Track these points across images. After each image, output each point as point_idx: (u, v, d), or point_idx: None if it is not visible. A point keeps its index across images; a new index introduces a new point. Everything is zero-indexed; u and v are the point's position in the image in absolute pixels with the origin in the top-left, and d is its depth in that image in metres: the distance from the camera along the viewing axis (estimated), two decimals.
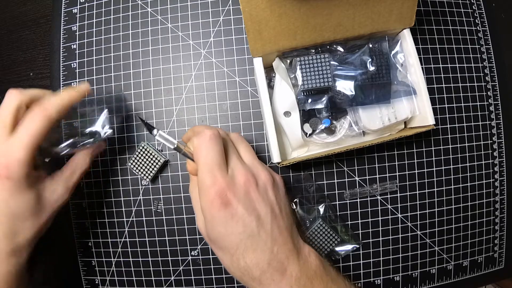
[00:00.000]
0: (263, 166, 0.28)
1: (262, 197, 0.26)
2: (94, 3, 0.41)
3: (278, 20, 0.29)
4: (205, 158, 0.25)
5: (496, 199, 0.40)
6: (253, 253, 0.24)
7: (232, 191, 0.24)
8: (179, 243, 0.38)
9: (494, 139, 0.40)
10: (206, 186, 0.24)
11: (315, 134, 0.35)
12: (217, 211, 0.24)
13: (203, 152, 0.25)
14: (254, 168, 0.27)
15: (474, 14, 0.41)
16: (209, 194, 0.24)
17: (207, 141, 0.25)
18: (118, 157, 0.39)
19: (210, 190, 0.24)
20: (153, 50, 0.40)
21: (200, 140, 0.25)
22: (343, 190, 0.38)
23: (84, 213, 0.40)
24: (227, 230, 0.24)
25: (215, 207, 0.24)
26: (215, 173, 0.24)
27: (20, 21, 0.44)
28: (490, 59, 0.41)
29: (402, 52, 0.34)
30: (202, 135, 0.26)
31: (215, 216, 0.24)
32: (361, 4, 0.30)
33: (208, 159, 0.25)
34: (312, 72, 0.32)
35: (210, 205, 0.24)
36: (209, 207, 0.24)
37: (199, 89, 0.39)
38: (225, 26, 0.40)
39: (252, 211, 0.24)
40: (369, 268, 0.38)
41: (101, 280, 0.39)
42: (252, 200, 0.25)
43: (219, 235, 0.25)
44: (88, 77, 0.40)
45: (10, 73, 0.43)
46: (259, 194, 0.25)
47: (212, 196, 0.24)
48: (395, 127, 0.36)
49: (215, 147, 0.25)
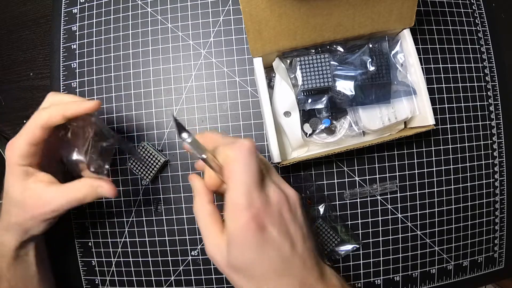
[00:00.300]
0: (286, 183, 0.26)
1: (293, 218, 0.24)
2: (94, 3, 0.41)
3: (278, 20, 0.29)
4: (244, 175, 0.22)
5: (496, 199, 0.40)
6: (284, 278, 0.22)
7: (268, 213, 0.22)
8: (179, 243, 0.38)
9: (494, 139, 0.40)
10: (240, 208, 0.21)
11: (315, 134, 0.35)
12: (251, 236, 0.21)
13: (241, 168, 0.22)
14: (282, 185, 0.25)
15: (474, 14, 0.41)
16: (243, 216, 0.21)
17: (247, 155, 0.22)
18: (118, 157, 0.39)
19: (245, 213, 0.21)
20: (153, 50, 0.40)
21: (237, 153, 0.22)
22: (343, 190, 0.38)
23: (84, 213, 0.40)
24: (259, 256, 0.22)
25: (250, 232, 0.21)
26: (252, 194, 0.22)
27: (20, 21, 0.44)
28: (490, 59, 0.41)
29: (402, 52, 0.34)
30: (240, 148, 0.22)
31: (247, 241, 0.22)
32: (361, 4, 0.30)
33: (247, 177, 0.22)
34: (312, 72, 0.32)
35: (244, 229, 0.21)
36: (242, 231, 0.21)
37: (199, 89, 0.39)
38: (225, 26, 0.40)
39: (286, 234, 0.23)
40: (369, 268, 0.38)
41: (101, 280, 0.39)
42: (285, 221, 0.23)
43: (249, 261, 0.22)
44: (88, 77, 0.40)
45: (10, 73, 0.43)
46: (290, 215, 0.24)
47: (247, 219, 0.21)
48: (395, 127, 0.36)
49: (255, 163, 0.22)
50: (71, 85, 0.41)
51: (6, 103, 0.43)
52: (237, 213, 0.22)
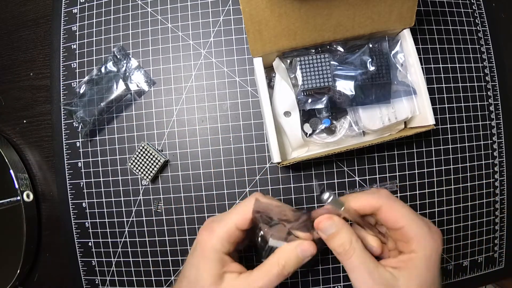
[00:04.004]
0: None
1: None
2: (94, 3, 0.41)
3: (278, 20, 0.29)
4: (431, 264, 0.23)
5: (496, 199, 0.40)
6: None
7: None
8: (179, 243, 0.38)
9: (494, 139, 0.40)
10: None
11: (315, 134, 0.35)
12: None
13: (432, 260, 0.23)
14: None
15: (474, 14, 0.41)
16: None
17: (437, 254, 0.23)
18: (118, 157, 0.39)
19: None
20: (153, 50, 0.40)
21: (435, 247, 0.23)
22: (343, 190, 0.38)
23: (84, 213, 0.40)
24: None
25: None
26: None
27: (20, 21, 0.44)
28: (490, 59, 0.41)
29: (402, 52, 0.34)
30: (438, 242, 0.23)
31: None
32: (361, 4, 0.30)
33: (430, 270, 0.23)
34: (312, 72, 0.32)
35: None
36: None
37: (199, 89, 0.39)
38: (225, 26, 0.40)
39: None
40: None
41: (101, 280, 0.39)
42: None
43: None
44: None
45: (10, 73, 0.43)
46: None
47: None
48: (395, 127, 0.36)
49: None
50: (71, 85, 0.41)
51: (6, 103, 0.43)
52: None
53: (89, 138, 0.40)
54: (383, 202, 0.24)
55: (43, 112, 0.42)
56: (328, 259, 0.38)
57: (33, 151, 0.42)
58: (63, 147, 0.40)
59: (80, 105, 0.39)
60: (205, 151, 0.39)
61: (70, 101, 0.39)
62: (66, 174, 0.40)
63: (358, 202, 0.25)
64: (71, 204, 0.40)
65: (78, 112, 0.39)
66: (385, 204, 0.24)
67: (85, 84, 0.39)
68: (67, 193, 0.40)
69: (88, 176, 0.40)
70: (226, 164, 0.38)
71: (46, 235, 0.42)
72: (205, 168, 0.38)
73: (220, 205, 0.38)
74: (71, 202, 0.40)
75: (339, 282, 0.38)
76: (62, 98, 0.41)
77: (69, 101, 0.39)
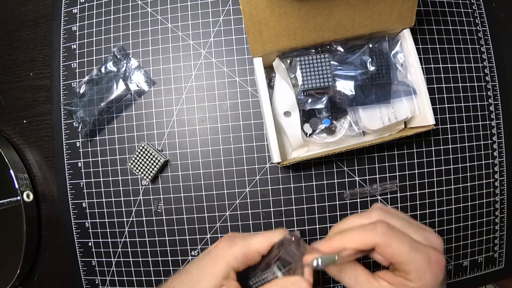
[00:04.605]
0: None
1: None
2: (94, 3, 0.41)
3: (278, 20, 0.29)
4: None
5: (496, 199, 0.40)
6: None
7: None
8: (179, 243, 0.38)
9: (494, 139, 0.40)
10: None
11: (315, 134, 0.35)
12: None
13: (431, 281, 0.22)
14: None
15: (474, 14, 0.41)
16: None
17: (439, 274, 0.22)
18: (118, 157, 0.39)
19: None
20: (153, 50, 0.40)
21: (438, 256, 0.22)
22: (343, 190, 0.38)
23: (84, 213, 0.40)
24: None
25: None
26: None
27: (20, 21, 0.44)
28: (490, 59, 0.41)
29: (402, 52, 0.34)
30: (438, 266, 0.23)
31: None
32: (361, 4, 0.30)
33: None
34: (312, 72, 0.32)
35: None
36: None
37: (199, 89, 0.39)
38: (225, 26, 0.40)
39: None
40: (369, 268, 0.38)
41: (101, 280, 0.39)
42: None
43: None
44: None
45: (10, 73, 0.43)
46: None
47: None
48: (395, 127, 0.36)
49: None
50: (71, 85, 0.41)
51: (6, 103, 0.43)
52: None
53: (89, 138, 0.40)
54: (379, 240, 0.23)
55: (43, 112, 0.42)
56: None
57: (33, 151, 0.42)
58: (63, 147, 0.40)
59: (80, 105, 0.39)
60: (205, 151, 0.39)
61: (70, 101, 0.39)
62: (66, 174, 0.40)
63: (352, 242, 0.24)
64: (71, 204, 0.40)
65: (78, 112, 0.39)
66: (382, 242, 0.23)
67: (85, 84, 0.39)
68: (67, 193, 0.40)
69: (88, 176, 0.40)
70: (226, 164, 0.38)
71: (46, 235, 0.42)
72: (205, 168, 0.38)
73: (220, 205, 0.38)
74: (71, 202, 0.40)
75: (339, 282, 0.38)
76: (62, 98, 0.41)
77: (69, 101, 0.39)
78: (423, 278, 0.22)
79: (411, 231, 0.24)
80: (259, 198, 0.38)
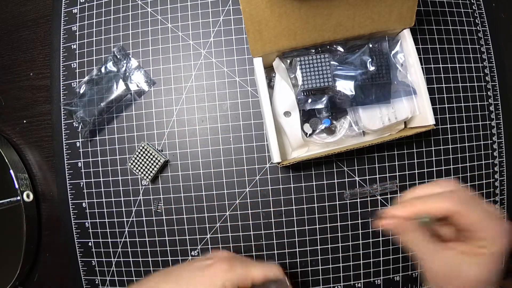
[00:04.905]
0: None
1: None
2: (94, 3, 0.41)
3: (278, 20, 0.29)
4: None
5: (496, 199, 0.40)
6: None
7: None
8: (179, 243, 0.38)
9: (494, 139, 0.40)
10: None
11: (315, 134, 0.35)
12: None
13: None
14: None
15: (474, 14, 0.41)
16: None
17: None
18: (118, 157, 0.39)
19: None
20: (153, 50, 0.40)
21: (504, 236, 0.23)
22: (343, 190, 0.38)
23: (84, 213, 0.40)
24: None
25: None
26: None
27: (20, 21, 0.44)
28: (490, 59, 0.41)
29: (402, 52, 0.34)
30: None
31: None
32: (361, 4, 0.30)
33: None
34: (312, 72, 0.32)
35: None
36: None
37: (199, 89, 0.39)
38: (225, 26, 0.40)
39: None
40: (369, 268, 0.38)
41: (101, 280, 0.39)
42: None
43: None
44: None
45: (10, 73, 0.43)
46: None
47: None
48: (395, 127, 0.36)
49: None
50: (71, 85, 0.41)
51: (6, 103, 0.43)
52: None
53: (89, 138, 0.40)
54: (458, 209, 0.23)
55: (43, 112, 0.42)
56: (328, 259, 0.38)
57: (33, 151, 0.42)
58: (63, 147, 0.40)
59: (80, 105, 0.39)
60: (205, 151, 0.39)
61: (70, 101, 0.39)
62: (66, 174, 0.40)
63: (434, 208, 0.24)
64: (71, 204, 0.40)
65: (78, 112, 0.39)
66: (461, 211, 0.23)
67: (85, 84, 0.39)
68: (67, 193, 0.40)
69: (88, 176, 0.40)
70: (226, 164, 0.38)
71: (46, 235, 0.42)
72: (205, 168, 0.38)
73: (220, 205, 0.38)
74: (71, 202, 0.40)
75: (339, 282, 0.38)
76: (62, 98, 0.41)
77: (69, 101, 0.39)
78: (498, 244, 0.23)
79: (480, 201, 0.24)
80: (259, 198, 0.38)
